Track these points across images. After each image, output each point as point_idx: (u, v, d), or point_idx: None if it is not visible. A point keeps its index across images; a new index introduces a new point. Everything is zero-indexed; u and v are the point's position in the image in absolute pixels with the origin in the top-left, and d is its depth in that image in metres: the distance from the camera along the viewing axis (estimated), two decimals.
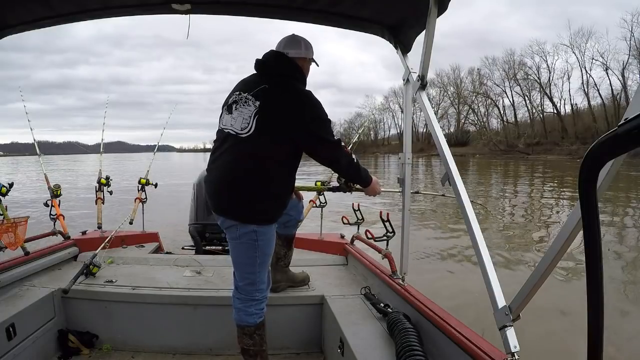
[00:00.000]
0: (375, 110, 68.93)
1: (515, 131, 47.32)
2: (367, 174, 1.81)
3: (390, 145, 66.25)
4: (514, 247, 5.76)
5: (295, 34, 1.74)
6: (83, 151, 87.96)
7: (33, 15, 1.80)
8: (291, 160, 1.65)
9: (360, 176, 1.80)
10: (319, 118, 1.59)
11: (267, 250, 1.65)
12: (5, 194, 2.14)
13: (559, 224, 6.99)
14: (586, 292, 0.66)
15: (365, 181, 1.82)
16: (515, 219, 8.22)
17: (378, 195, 1.93)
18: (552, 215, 8.54)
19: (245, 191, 1.55)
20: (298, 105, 1.56)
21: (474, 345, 1.25)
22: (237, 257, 1.65)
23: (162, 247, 3.20)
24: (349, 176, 1.91)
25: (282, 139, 1.56)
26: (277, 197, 1.63)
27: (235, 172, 1.57)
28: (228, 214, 1.60)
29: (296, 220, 2.07)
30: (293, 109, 1.55)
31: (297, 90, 1.60)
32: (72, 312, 2.06)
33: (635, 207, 9.47)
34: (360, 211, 2.51)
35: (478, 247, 1.29)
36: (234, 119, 1.58)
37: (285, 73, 1.63)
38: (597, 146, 0.55)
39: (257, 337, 1.67)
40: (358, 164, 1.76)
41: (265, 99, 1.56)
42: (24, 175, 15.05)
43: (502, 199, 10.91)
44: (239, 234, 1.59)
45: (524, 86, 46.72)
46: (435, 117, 1.68)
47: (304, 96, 1.59)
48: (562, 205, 9.78)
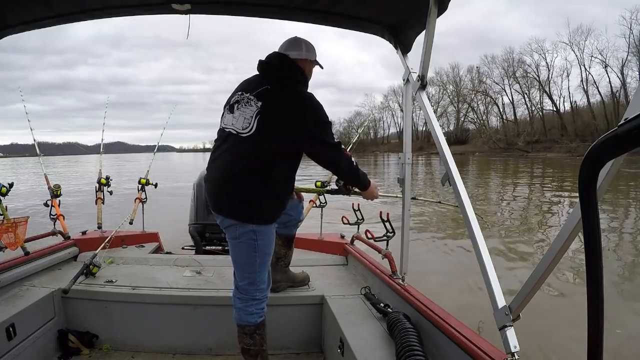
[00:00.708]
0: (375, 110, 68.94)
1: (514, 129, 47.27)
2: (366, 177, 1.82)
3: (390, 144, 66.28)
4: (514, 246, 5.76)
5: (297, 36, 1.75)
6: (83, 152, 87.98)
7: (33, 15, 1.80)
8: (291, 161, 1.65)
9: (359, 179, 1.81)
10: (320, 120, 1.60)
11: (267, 250, 1.65)
12: (5, 194, 2.14)
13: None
14: (586, 292, 0.66)
15: (363, 185, 1.84)
16: (515, 220, 8.21)
17: (376, 199, 1.95)
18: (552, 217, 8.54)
19: (244, 191, 1.55)
20: (299, 107, 1.56)
21: (474, 345, 1.25)
22: (236, 256, 1.65)
23: (162, 247, 3.20)
24: (348, 179, 1.92)
25: (282, 139, 1.56)
26: (276, 197, 1.63)
27: (234, 171, 1.57)
28: (227, 213, 1.60)
29: (296, 220, 2.07)
30: (294, 110, 1.56)
31: (299, 93, 1.61)
32: (72, 312, 2.06)
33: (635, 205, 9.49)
34: (360, 211, 2.52)
35: (478, 247, 1.29)
36: (236, 119, 1.58)
37: (287, 75, 1.64)
38: (597, 146, 0.55)
39: (257, 336, 1.67)
40: (357, 167, 1.77)
41: (267, 100, 1.56)
42: (25, 184, 14.79)
43: (501, 202, 10.90)
44: (238, 234, 1.59)
45: (524, 84, 46.82)
46: (435, 115, 1.68)
47: (305, 98, 1.60)
48: (563, 204, 9.79)
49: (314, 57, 1.74)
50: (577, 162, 27.23)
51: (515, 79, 46.95)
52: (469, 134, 53.63)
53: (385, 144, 67.48)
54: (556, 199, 10.93)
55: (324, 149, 1.63)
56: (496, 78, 49.51)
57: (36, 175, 17.10)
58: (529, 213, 8.87)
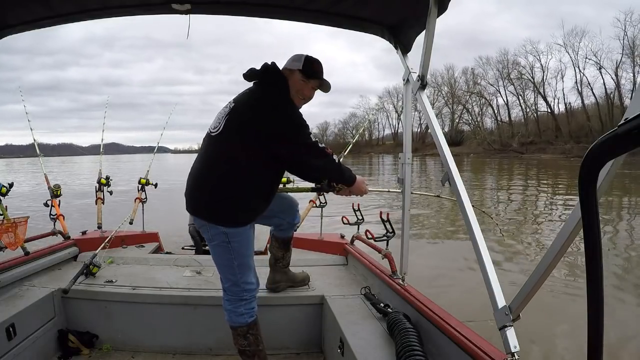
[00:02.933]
0: (374, 112, 68.59)
1: (509, 130, 47.41)
2: (351, 173, 1.76)
3: (385, 145, 66.17)
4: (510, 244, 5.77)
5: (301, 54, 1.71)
6: (79, 153, 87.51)
7: (33, 15, 1.80)
8: (261, 162, 1.58)
9: (342, 176, 1.74)
10: (290, 120, 1.56)
11: (244, 252, 1.63)
12: (5, 194, 2.14)
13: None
14: (586, 292, 0.66)
15: (348, 181, 1.77)
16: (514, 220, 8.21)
17: (365, 194, 1.87)
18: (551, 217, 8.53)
19: (211, 190, 1.56)
20: (267, 107, 1.55)
21: (474, 345, 1.25)
22: (215, 258, 1.66)
23: (162, 247, 3.20)
24: (332, 177, 1.78)
25: (249, 140, 1.53)
26: (242, 199, 1.58)
27: (203, 170, 1.60)
28: (197, 213, 1.63)
29: (291, 223, 2.02)
30: (261, 110, 1.55)
31: (269, 93, 1.60)
32: (72, 312, 2.06)
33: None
34: (360, 211, 2.52)
35: (478, 247, 1.29)
36: (213, 121, 1.64)
37: (266, 80, 1.63)
38: (597, 146, 0.55)
39: (251, 337, 1.67)
40: (340, 163, 1.71)
41: (239, 101, 1.61)
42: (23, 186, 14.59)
43: (498, 204, 10.90)
44: (210, 235, 1.61)
45: (518, 85, 46.91)
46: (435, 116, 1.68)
47: (274, 98, 1.58)
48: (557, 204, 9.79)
49: (297, 67, 1.65)
50: (571, 163, 27.02)
51: (510, 81, 47.12)
52: (463, 135, 53.56)
53: (380, 145, 67.28)
54: (550, 200, 10.93)
55: (296, 149, 1.57)
56: (491, 79, 49.74)
57: (35, 176, 17.04)
58: (525, 212, 8.87)
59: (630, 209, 9.28)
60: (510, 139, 44.98)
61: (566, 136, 39.68)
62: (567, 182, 14.43)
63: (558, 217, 8.25)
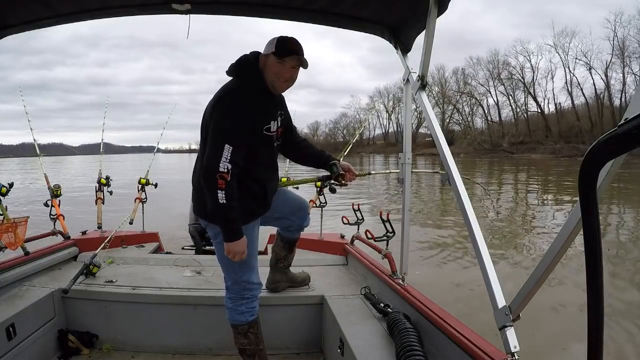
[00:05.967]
0: (373, 111, 68.70)
1: (499, 130, 47.60)
2: (235, 224, 1.50)
3: (376, 145, 66.39)
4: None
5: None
6: (70, 152, 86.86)
7: (33, 15, 1.80)
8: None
9: (221, 219, 1.51)
10: (216, 111, 1.50)
11: (246, 251, 1.61)
12: (5, 194, 2.14)
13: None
14: (586, 292, 0.66)
15: (224, 230, 1.52)
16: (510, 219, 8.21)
17: (239, 255, 1.54)
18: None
19: (201, 191, 1.56)
20: (211, 103, 1.54)
21: (474, 345, 1.25)
22: (219, 257, 1.68)
23: (162, 247, 3.20)
24: (208, 209, 1.53)
25: (206, 140, 1.54)
26: None
27: (196, 172, 1.62)
28: (198, 213, 1.67)
29: (299, 225, 2.00)
30: (210, 107, 1.54)
31: (221, 89, 1.58)
32: (72, 312, 2.06)
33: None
34: (360, 211, 2.51)
35: (478, 246, 1.29)
36: None
37: (236, 73, 1.59)
38: (597, 146, 0.55)
39: (251, 335, 1.67)
40: (226, 205, 1.45)
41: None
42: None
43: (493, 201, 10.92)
44: (213, 233, 1.64)
45: (508, 86, 47.05)
46: (435, 116, 1.68)
47: (218, 93, 1.56)
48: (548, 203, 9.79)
49: (269, 50, 1.55)
50: (561, 163, 26.97)
51: (500, 81, 47.28)
52: (454, 135, 53.47)
53: (371, 145, 67.34)
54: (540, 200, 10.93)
55: (208, 145, 1.49)
56: (481, 80, 49.82)
57: (27, 176, 16.88)
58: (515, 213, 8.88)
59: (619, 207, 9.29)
60: (501, 139, 45.23)
61: (556, 136, 39.94)
62: (555, 180, 14.39)
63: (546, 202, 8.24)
